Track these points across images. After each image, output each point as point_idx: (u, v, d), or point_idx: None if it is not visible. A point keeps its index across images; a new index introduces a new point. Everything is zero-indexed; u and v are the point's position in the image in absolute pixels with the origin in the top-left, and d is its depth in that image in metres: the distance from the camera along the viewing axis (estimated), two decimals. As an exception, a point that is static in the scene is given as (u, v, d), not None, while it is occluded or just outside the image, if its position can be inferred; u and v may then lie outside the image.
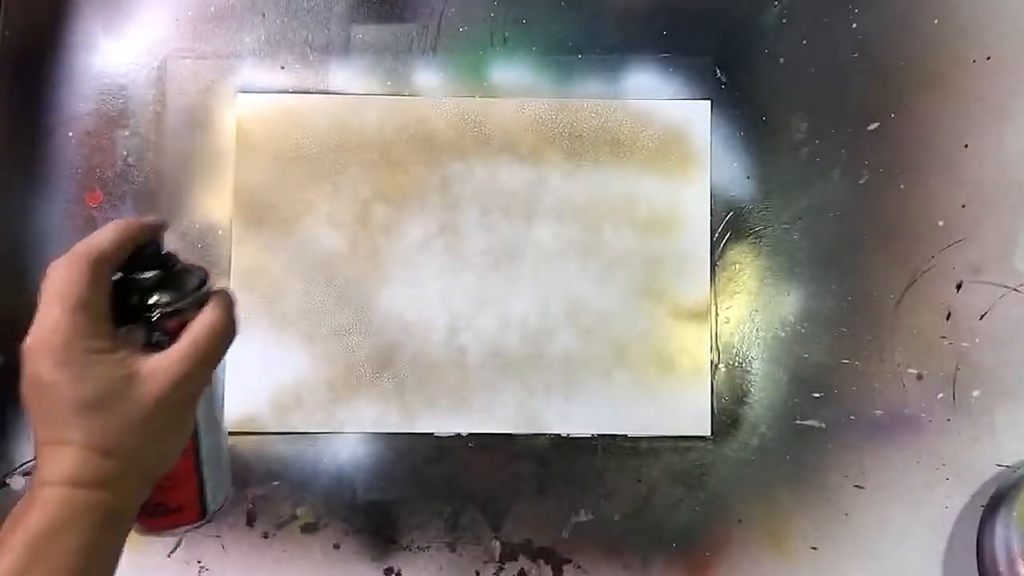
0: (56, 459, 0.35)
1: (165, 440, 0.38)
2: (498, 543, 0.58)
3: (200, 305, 0.39)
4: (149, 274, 0.39)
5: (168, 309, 0.38)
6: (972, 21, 0.60)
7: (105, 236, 0.38)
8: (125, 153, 0.61)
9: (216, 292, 0.40)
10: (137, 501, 0.37)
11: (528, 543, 0.58)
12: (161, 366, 0.37)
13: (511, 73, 0.61)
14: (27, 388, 0.37)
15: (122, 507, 0.36)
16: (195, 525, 0.41)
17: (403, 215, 0.60)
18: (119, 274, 0.38)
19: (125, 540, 0.37)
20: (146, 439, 0.36)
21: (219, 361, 0.39)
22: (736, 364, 0.59)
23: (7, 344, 0.60)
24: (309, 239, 0.60)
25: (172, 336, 0.38)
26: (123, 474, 0.36)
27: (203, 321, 0.38)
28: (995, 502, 0.56)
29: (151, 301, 0.38)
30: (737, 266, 0.60)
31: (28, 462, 0.59)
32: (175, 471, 0.39)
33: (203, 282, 0.40)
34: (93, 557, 0.35)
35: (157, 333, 0.38)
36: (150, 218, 0.40)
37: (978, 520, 0.57)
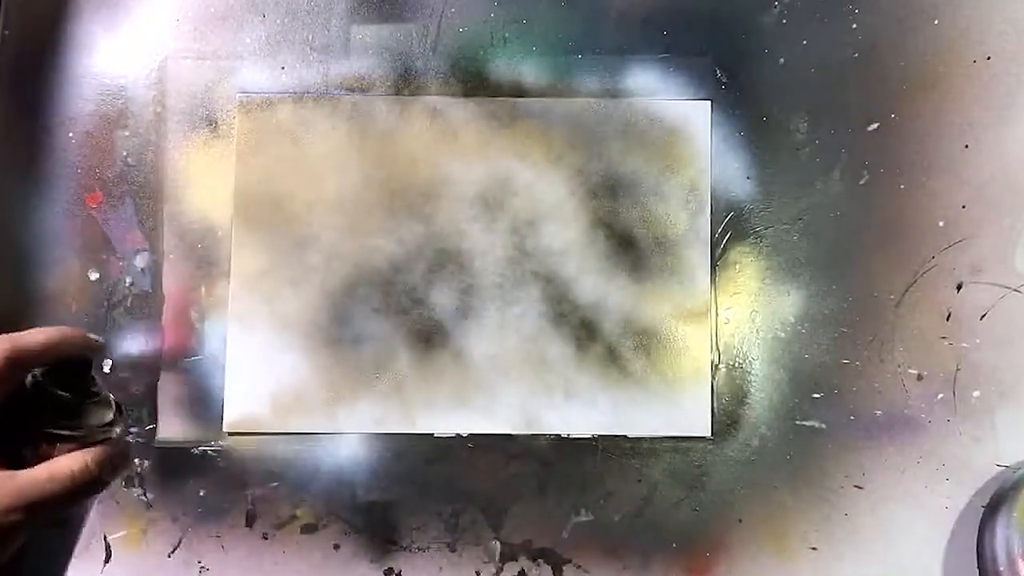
0: None
1: None
2: (498, 543, 0.58)
3: (92, 443, 0.37)
4: (53, 392, 0.37)
5: (51, 431, 0.36)
6: (972, 21, 0.60)
7: (34, 338, 0.36)
8: (125, 153, 0.61)
9: (111, 441, 0.38)
10: None
11: (528, 543, 0.58)
12: (5, 485, 0.34)
13: (511, 73, 0.61)
14: None
15: None
16: None
17: (403, 215, 0.60)
18: (36, 376, 0.36)
19: None
20: None
21: (64, 508, 0.36)
22: (736, 364, 0.59)
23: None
24: (309, 239, 0.60)
25: (42, 460, 0.35)
26: None
27: (69, 461, 0.36)
28: (995, 502, 0.56)
29: (41, 418, 0.36)
30: (737, 266, 0.60)
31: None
32: None
33: (110, 424, 0.38)
34: None
35: (29, 450, 0.36)
36: (89, 336, 0.38)
37: (978, 520, 0.57)
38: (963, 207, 0.59)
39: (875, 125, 0.60)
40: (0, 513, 0.34)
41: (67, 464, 0.36)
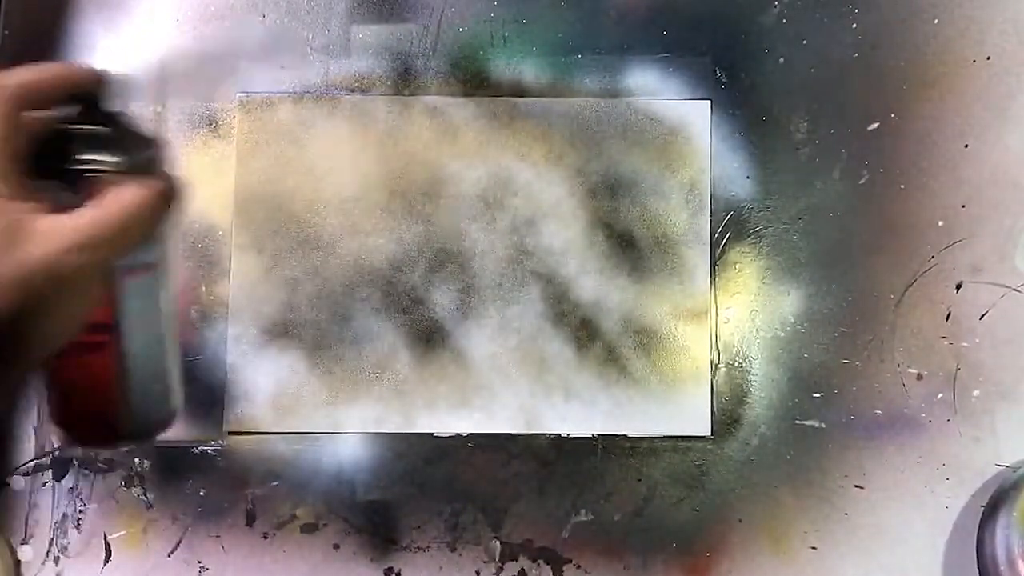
0: None
1: (50, 314, 0.32)
2: (498, 543, 0.58)
3: (138, 175, 0.34)
4: (89, 127, 0.34)
5: (99, 166, 0.33)
6: (972, 21, 0.60)
7: (25, 70, 0.33)
8: (125, 153, 0.61)
9: (160, 172, 0.35)
10: (11, 374, 0.33)
11: (528, 543, 0.58)
12: (61, 226, 0.32)
13: (511, 73, 0.61)
14: None
15: None
16: (117, 444, 0.35)
17: (403, 215, 0.60)
18: (58, 122, 0.34)
19: None
20: (27, 305, 0.31)
21: (135, 239, 0.34)
22: (736, 364, 0.59)
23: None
24: (309, 239, 0.60)
25: (93, 199, 0.33)
26: None
27: (132, 189, 0.33)
28: (995, 502, 0.56)
29: (79, 156, 0.34)
30: (737, 266, 0.60)
31: (28, 462, 0.59)
32: (91, 369, 0.34)
33: (150, 151, 0.35)
34: None
35: (75, 194, 0.33)
36: (97, 69, 0.36)
37: (978, 520, 0.57)
38: (963, 207, 0.59)
39: (875, 125, 0.60)
40: (57, 255, 0.32)
41: (117, 195, 0.33)
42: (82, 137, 0.34)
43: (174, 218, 0.35)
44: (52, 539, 0.58)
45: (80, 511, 0.59)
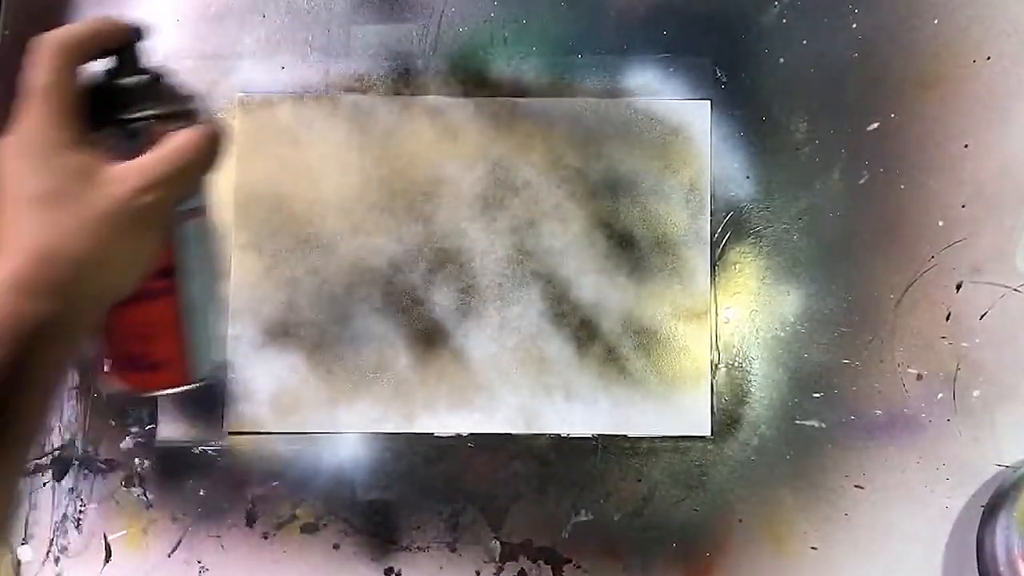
0: None
1: (125, 252, 0.34)
2: (498, 543, 0.58)
3: (186, 121, 0.37)
4: (134, 79, 0.36)
5: (150, 114, 0.36)
6: (972, 21, 0.60)
7: (68, 27, 0.35)
8: (125, 153, 0.61)
9: (203, 115, 0.38)
10: (87, 318, 0.34)
11: (528, 543, 0.58)
12: (129, 169, 0.34)
13: (511, 73, 0.61)
14: None
15: (67, 321, 0.33)
16: (179, 388, 0.37)
17: (403, 215, 0.60)
18: (104, 77, 0.36)
19: (68, 360, 0.34)
20: (101, 246, 0.33)
21: (195, 180, 0.37)
22: (736, 364, 0.59)
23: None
24: (309, 239, 0.60)
25: (151, 147, 0.35)
26: (71, 282, 0.33)
27: (186, 133, 0.36)
28: (995, 502, 0.56)
29: (133, 106, 0.36)
30: (737, 266, 0.60)
31: (28, 462, 0.59)
32: (153, 315, 0.36)
33: (189, 99, 0.38)
34: (23, 371, 0.32)
35: (135, 141, 0.35)
36: (126, 21, 0.38)
37: (978, 520, 0.57)
38: (963, 207, 0.59)
39: (875, 125, 0.60)
40: (128, 196, 0.34)
41: (175, 139, 0.36)
42: (127, 89, 0.36)
43: (221, 161, 0.37)
44: (52, 539, 0.58)
45: (80, 511, 0.59)
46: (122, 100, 0.36)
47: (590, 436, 0.59)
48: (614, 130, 0.60)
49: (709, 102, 0.61)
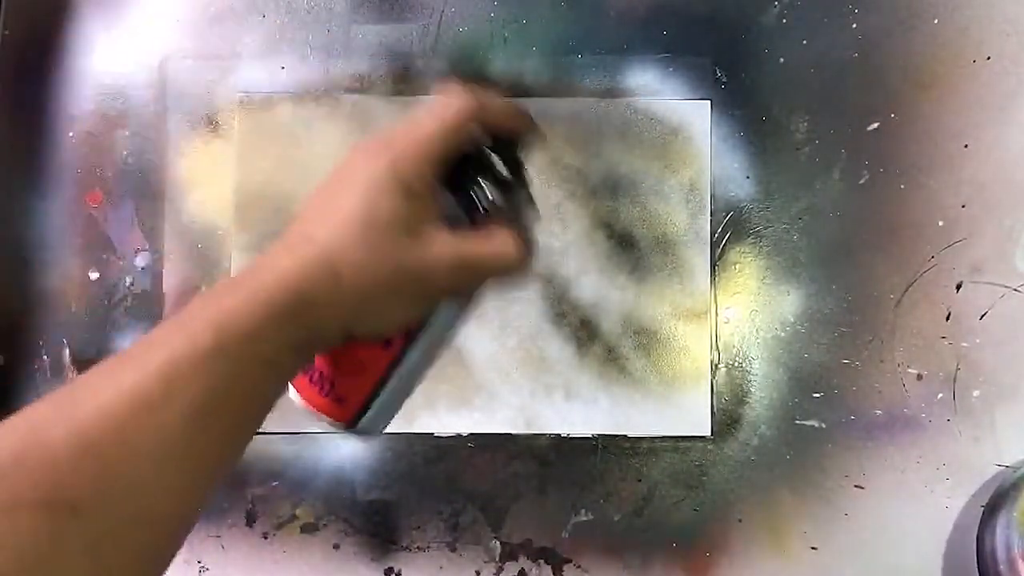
0: (278, 252, 0.32)
1: (395, 308, 0.34)
2: (498, 543, 0.58)
3: (519, 224, 0.37)
4: (506, 165, 0.37)
5: (495, 204, 0.36)
6: (972, 21, 0.60)
7: (496, 102, 0.36)
8: (125, 153, 0.61)
9: (531, 230, 0.38)
10: (322, 347, 0.34)
11: (528, 543, 0.58)
12: (452, 242, 0.34)
13: (511, 73, 0.61)
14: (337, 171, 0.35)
15: (313, 338, 0.33)
16: (334, 423, 0.37)
17: (403, 215, 0.60)
18: (484, 151, 0.37)
19: (284, 389, 0.34)
20: (382, 291, 0.33)
21: (495, 286, 0.37)
22: (736, 364, 0.59)
23: (7, 344, 0.60)
24: (309, 239, 0.60)
25: (477, 229, 0.36)
26: (336, 302, 0.32)
27: (508, 236, 0.36)
28: (995, 502, 0.56)
29: (486, 188, 0.37)
30: (737, 266, 0.60)
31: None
32: (368, 359, 0.36)
33: (533, 216, 0.39)
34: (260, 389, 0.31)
35: (470, 217, 0.36)
36: (532, 119, 0.38)
37: (978, 520, 0.57)
38: (963, 207, 0.59)
39: (875, 125, 0.60)
40: (437, 265, 0.34)
41: (503, 238, 0.36)
42: (496, 173, 0.37)
43: (521, 281, 0.38)
44: (52, 539, 0.58)
45: (80, 511, 0.58)
46: (485, 180, 0.37)
47: (590, 436, 0.59)
48: (614, 130, 0.60)
49: (709, 102, 0.61)
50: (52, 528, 0.26)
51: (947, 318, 0.59)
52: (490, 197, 0.37)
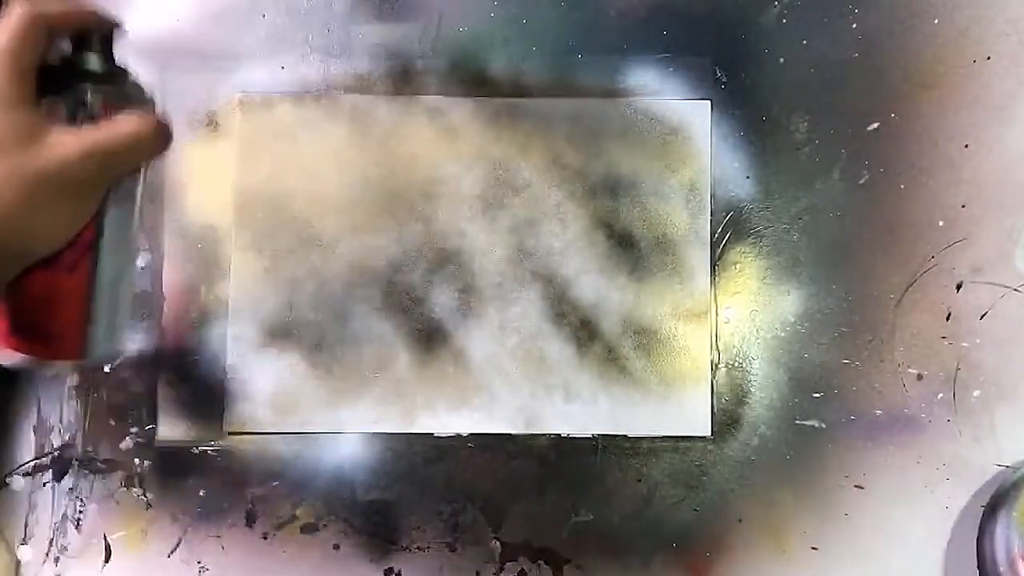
0: None
1: (51, 215, 0.35)
2: (498, 543, 0.58)
3: (137, 108, 0.38)
4: (96, 59, 0.38)
5: (101, 90, 0.37)
6: (972, 21, 0.60)
7: (52, 4, 0.37)
8: (125, 153, 0.61)
9: (158, 111, 0.39)
10: (2, 274, 0.35)
11: (528, 543, 0.58)
12: (72, 136, 0.35)
13: (511, 73, 0.61)
14: None
15: None
16: (69, 363, 0.38)
17: (403, 215, 0.60)
18: (71, 54, 0.38)
19: None
20: (30, 203, 0.34)
21: (133, 162, 0.38)
22: (736, 364, 0.59)
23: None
24: (309, 239, 0.60)
25: (96, 123, 0.37)
26: None
27: (134, 117, 0.37)
28: (995, 502, 0.56)
29: (87, 82, 0.38)
30: (737, 266, 0.60)
31: (28, 462, 0.59)
32: (61, 284, 0.37)
33: (144, 95, 0.39)
34: None
35: (86, 113, 0.37)
36: (104, 11, 0.39)
37: (978, 520, 0.57)
38: (963, 207, 0.59)
39: (875, 125, 0.60)
40: (67, 160, 0.35)
41: (127, 119, 0.37)
42: (89, 70, 0.38)
43: (161, 154, 0.39)
44: (52, 539, 0.58)
45: (80, 511, 0.59)
46: (83, 77, 0.38)
47: (590, 436, 0.59)
48: (614, 130, 0.60)
49: (709, 102, 0.61)
50: None
51: (947, 318, 0.59)
52: (89, 96, 0.37)
